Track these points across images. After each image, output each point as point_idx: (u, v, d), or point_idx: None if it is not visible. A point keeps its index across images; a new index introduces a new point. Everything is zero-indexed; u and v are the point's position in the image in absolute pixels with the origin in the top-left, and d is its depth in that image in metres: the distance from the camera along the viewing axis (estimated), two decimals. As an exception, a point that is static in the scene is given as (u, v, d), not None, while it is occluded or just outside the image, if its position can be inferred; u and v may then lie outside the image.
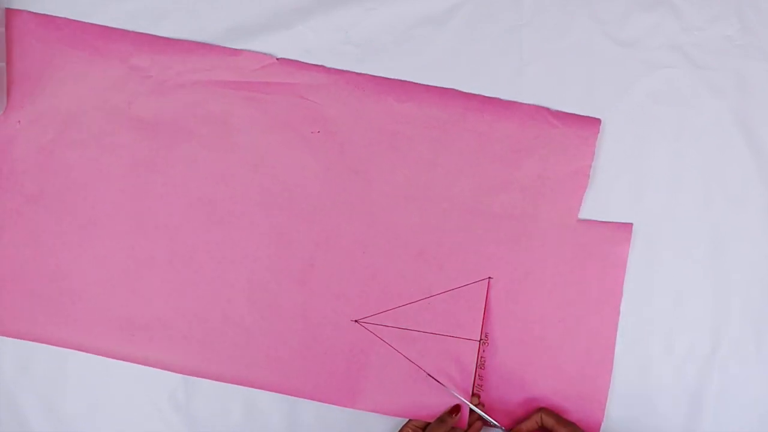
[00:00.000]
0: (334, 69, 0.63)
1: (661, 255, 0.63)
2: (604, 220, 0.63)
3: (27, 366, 0.64)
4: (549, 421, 0.59)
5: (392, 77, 0.63)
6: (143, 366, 0.63)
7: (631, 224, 0.63)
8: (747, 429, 0.63)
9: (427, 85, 0.63)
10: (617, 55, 0.63)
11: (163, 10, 0.63)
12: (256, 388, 0.63)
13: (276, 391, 0.63)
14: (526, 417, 0.61)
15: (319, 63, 0.63)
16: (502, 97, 0.63)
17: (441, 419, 0.61)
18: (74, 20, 0.64)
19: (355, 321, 0.62)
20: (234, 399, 0.63)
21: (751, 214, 0.63)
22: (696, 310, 0.63)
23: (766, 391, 0.63)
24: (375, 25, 0.63)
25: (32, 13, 0.64)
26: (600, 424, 0.62)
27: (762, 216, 0.63)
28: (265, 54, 0.63)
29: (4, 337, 0.63)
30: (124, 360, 0.63)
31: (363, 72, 0.63)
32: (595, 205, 0.63)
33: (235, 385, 0.63)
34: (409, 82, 0.63)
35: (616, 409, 0.63)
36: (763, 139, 0.63)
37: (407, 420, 0.62)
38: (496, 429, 0.62)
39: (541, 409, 0.61)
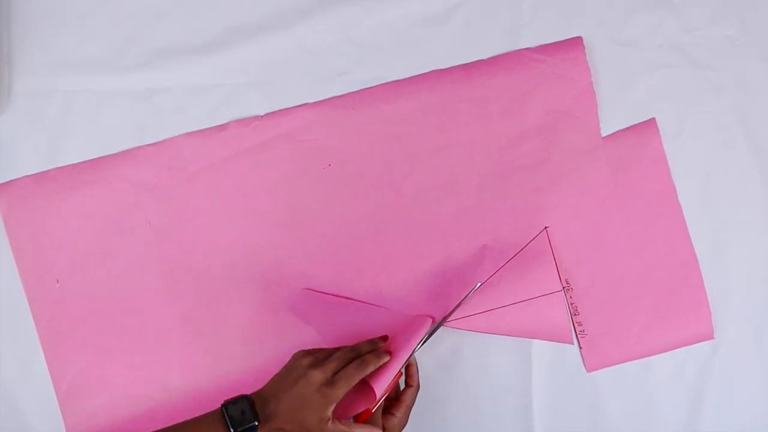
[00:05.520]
0: (317, 102, 0.62)
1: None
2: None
3: (27, 366, 0.64)
4: None
5: (386, 78, 0.63)
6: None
7: (654, 117, 0.62)
8: (747, 428, 0.63)
9: (408, 78, 0.63)
10: (617, 55, 0.63)
11: (163, 10, 0.63)
12: None
13: None
14: None
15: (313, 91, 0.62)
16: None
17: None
18: (64, 166, 0.62)
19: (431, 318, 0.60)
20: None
21: (752, 213, 0.63)
22: (696, 310, 0.63)
23: (766, 390, 0.63)
24: (375, 25, 0.63)
25: (28, 176, 0.62)
26: (711, 325, 0.62)
27: (762, 214, 0.63)
28: (248, 117, 0.62)
29: (4, 337, 0.63)
30: None
31: (366, 73, 0.63)
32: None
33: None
34: (390, 82, 0.63)
35: (616, 409, 0.63)
36: (763, 138, 0.63)
37: None
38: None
39: None
